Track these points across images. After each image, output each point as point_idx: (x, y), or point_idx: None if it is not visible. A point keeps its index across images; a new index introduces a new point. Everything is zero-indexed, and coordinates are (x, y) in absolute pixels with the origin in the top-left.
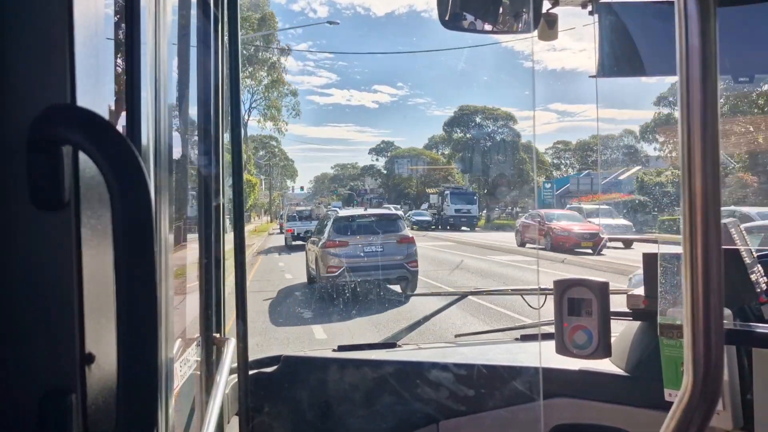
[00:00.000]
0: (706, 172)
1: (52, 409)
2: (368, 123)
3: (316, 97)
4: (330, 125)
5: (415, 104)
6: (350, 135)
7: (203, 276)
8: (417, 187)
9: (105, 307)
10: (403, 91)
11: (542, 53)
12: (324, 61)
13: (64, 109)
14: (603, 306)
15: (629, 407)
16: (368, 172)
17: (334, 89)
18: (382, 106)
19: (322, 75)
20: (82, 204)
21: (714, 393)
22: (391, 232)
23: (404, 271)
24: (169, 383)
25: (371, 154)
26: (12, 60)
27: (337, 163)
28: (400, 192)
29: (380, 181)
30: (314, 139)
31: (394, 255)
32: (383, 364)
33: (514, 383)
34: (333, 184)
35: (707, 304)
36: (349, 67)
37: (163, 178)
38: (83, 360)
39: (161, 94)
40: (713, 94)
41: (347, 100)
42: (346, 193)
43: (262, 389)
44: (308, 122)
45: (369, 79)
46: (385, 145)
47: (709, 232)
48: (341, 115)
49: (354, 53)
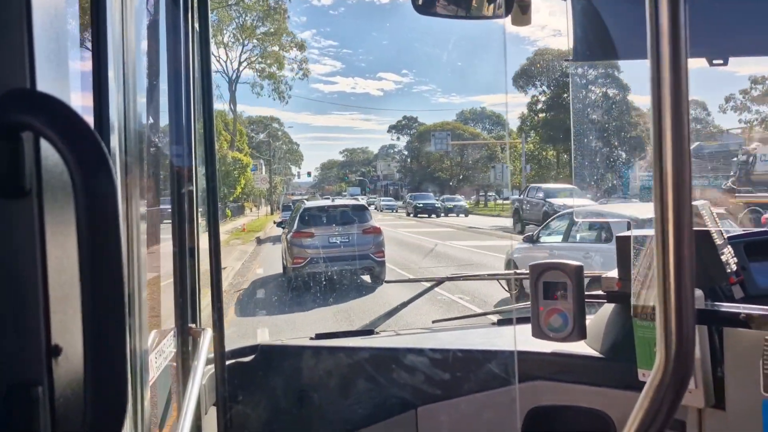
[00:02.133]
0: (677, 154)
1: (19, 402)
2: (373, 111)
3: (320, 85)
4: (335, 113)
5: (420, 91)
6: (355, 123)
7: (177, 265)
8: (452, 169)
9: (71, 297)
10: (408, 78)
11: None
12: (328, 49)
13: (22, 94)
14: (578, 289)
15: (604, 388)
16: (386, 154)
17: (339, 77)
18: (387, 93)
19: (327, 63)
20: (45, 192)
21: (685, 371)
22: (358, 222)
23: (370, 261)
24: (144, 375)
25: (390, 132)
26: None
27: (346, 147)
28: (426, 176)
29: (398, 164)
30: (319, 127)
31: (361, 245)
32: (360, 350)
33: (490, 367)
34: (342, 170)
35: (679, 284)
36: (354, 54)
37: (131, 165)
38: (50, 352)
39: (129, 78)
40: (683, 75)
41: (352, 87)
42: (356, 180)
43: (239, 379)
44: (313, 110)
45: (374, 67)
46: (407, 122)
47: (681, 214)
48: (346, 103)
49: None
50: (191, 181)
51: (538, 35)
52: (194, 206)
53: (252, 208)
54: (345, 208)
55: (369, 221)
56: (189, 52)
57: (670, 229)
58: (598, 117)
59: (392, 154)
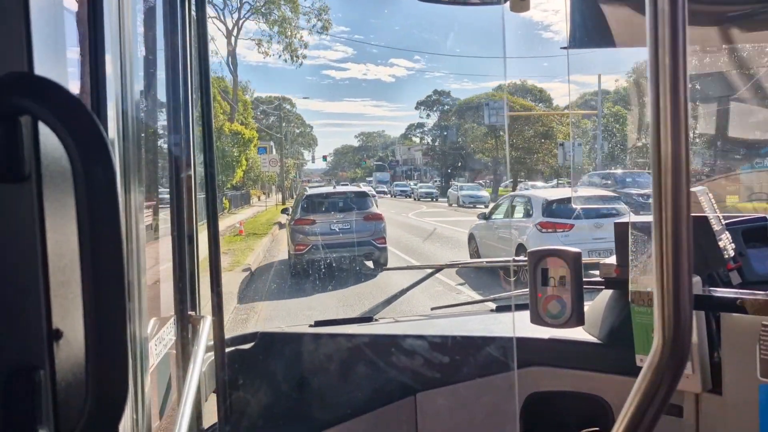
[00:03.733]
0: (675, 140)
1: (21, 386)
2: (384, 97)
3: (332, 71)
4: (346, 100)
5: (432, 77)
6: (366, 110)
7: (176, 252)
8: (497, 150)
9: (71, 282)
10: (419, 65)
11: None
12: (340, 35)
13: (20, 78)
14: (576, 276)
15: (602, 374)
16: (412, 134)
17: (351, 63)
18: (398, 79)
19: (338, 49)
20: (44, 177)
21: (682, 355)
22: (359, 209)
23: (371, 247)
24: (144, 362)
25: (419, 109)
26: None
27: (362, 131)
28: (462, 158)
29: (426, 145)
30: (330, 114)
31: (362, 232)
32: (360, 337)
33: (489, 353)
34: (358, 154)
35: (677, 270)
36: (366, 40)
37: (129, 151)
38: (51, 336)
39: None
40: (682, 61)
41: (363, 74)
42: (373, 165)
43: (239, 366)
44: (324, 97)
45: (385, 53)
46: (438, 96)
47: (678, 199)
48: (357, 90)
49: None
50: (189, 168)
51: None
52: (193, 193)
53: (260, 197)
54: (346, 195)
55: (370, 208)
56: (186, 37)
57: (668, 214)
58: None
59: (420, 134)
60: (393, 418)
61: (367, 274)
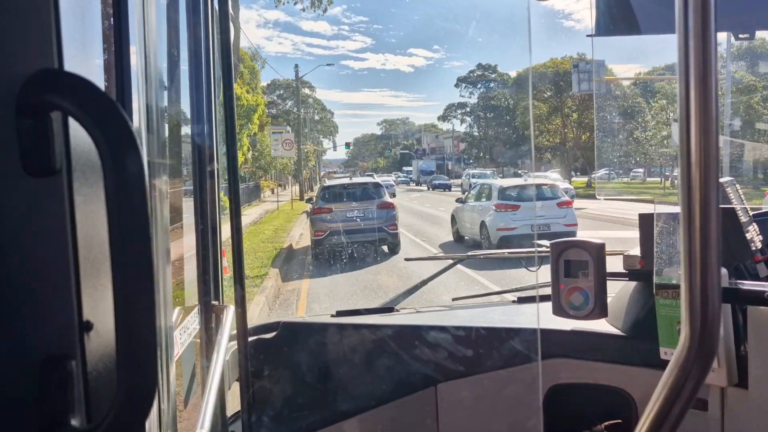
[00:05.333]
0: (704, 129)
1: (53, 375)
2: (403, 87)
3: (350, 61)
4: (365, 90)
5: (451, 67)
6: (385, 100)
7: (200, 243)
8: (565, 131)
9: (101, 273)
10: (438, 54)
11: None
12: (359, 25)
13: (52, 74)
14: (599, 267)
15: (625, 366)
16: (452, 116)
17: (369, 53)
18: (417, 69)
19: (357, 39)
20: (74, 170)
21: (710, 350)
22: (373, 198)
23: (384, 233)
24: (169, 351)
25: (459, 87)
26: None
27: (384, 119)
28: (514, 142)
29: (467, 127)
30: (348, 104)
31: (375, 219)
32: (381, 328)
33: (512, 344)
34: (381, 142)
35: (705, 262)
36: (384, 30)
37: (154, 143)
38: (81, 326)
39: (150, 57)
40: (712, 49)
41: (382, 64)
42: (398, 154)
43: (261, 355)
44: (343, 87)
45: (404, 43)
46: (482, 71)
47: (707, 190)
48: (376, 80)
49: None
50: (213, 159)
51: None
52: (216, 184)
53: (274, 189)
54: (361, 186)
55: (383, 197)
56: (209, 30)
57: (697, 205)
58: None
59: (461, 116)
60: (414, 409)
61: (383, 255)
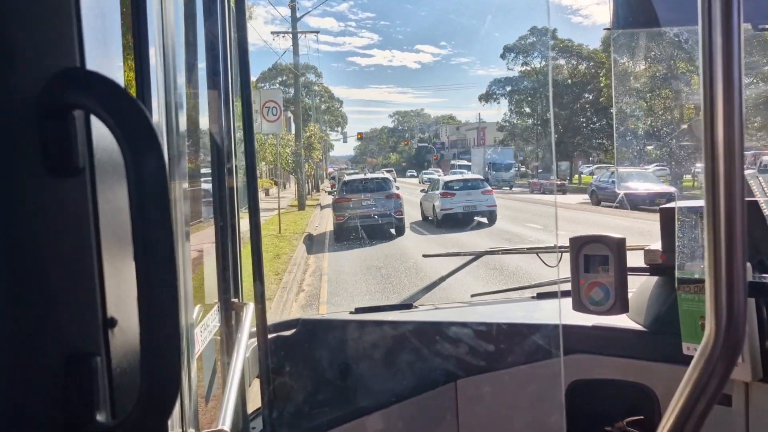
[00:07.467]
0: (729, 122)
1: (78, 371)
2: (410, 84)
3: (357, 58)
4: (371, 87)
5: (458, 63)
6: (392, 97)
7: (219, 241)
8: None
9: (124, 271)
10: (446, 51)
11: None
12: (365, 21)
13: (74, 74)
14: (620, 262)
15: (647, 362)
16: (496, 92)
17: (376, 50)
18: (424, 66)
19: (364, 35)
20: (97, 169)
21: (736, 345)
22: (383, 190)
23: (392, 218)
24: (190, 348)
25: (506, 58)
26: (19, 25)
27: (397, 111)
28: (576, 132)
29: (515, 105)
30: (355, 101)
31: (384, 207)
32: (400, 324)
33: (534, 340)
34: (392, 135)
35: (730, 257)
36: (391, 26)
37: (174, 141)
38: (106, 324)
39: (169, 56)
40: (736, 40)
41: (389, 60)
42: (414, 148)
43: (281, 352)
44: (349, 84)
45: (411, 39)
46: (537, 36)
47: (732, 183)
48: (383, 76)
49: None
50: (231, 157)
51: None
52: (234, 182)
53: (271, 187)
54: (374, 180)
55: (391, 189)
56: (225, 28)
57: (721, 198)
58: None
59: (506, 94)
60: (434, 405)
61: (387, 236)
